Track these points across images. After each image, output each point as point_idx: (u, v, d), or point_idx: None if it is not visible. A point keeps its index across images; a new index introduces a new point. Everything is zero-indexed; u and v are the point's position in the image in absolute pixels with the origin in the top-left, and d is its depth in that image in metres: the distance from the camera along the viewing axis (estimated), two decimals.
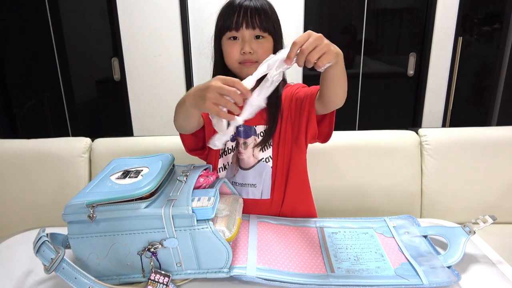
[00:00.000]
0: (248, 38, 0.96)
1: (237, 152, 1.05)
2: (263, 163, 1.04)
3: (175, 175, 0.88)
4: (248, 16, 0.94)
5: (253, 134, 1.04)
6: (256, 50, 0.96)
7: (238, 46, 0.97)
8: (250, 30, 0.95)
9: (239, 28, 0.95)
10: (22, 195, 1.46)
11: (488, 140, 1.50)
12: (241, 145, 1.05)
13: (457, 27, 2.06)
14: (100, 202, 0.73)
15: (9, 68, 2.25)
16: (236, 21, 0.95)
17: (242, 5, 0.95)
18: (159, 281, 0.75)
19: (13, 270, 0.84)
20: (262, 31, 0.95)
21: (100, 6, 2.15)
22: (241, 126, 1.04)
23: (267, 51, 0.97)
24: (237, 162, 1.05)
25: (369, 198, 1.49)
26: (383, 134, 1.53)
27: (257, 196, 1.05)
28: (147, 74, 2.08)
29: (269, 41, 0.98)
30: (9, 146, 1.48)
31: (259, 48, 0.96)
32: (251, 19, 0.94)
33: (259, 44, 0.96)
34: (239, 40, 0.97)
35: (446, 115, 2.23)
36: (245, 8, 0.94)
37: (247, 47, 0.95)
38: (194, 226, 0.74)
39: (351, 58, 2.27)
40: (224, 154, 1.06)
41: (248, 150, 1.04)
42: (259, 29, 0.95)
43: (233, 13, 0.95)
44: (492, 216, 0.87)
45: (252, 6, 0.95)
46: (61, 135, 1.67)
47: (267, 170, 1.05)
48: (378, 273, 0.80)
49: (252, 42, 0.96)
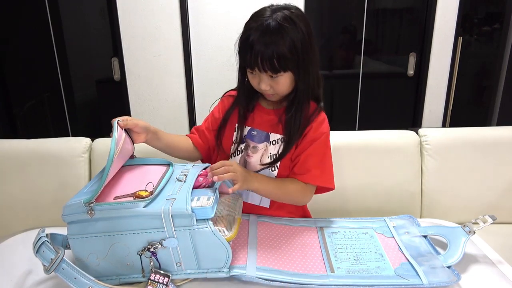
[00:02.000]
0: (263, 77, 0.94)
1: (246, 154, 1.05)
2: (269, 171, 1.04)
3: (174, 174, 0.88)
4: (259, 62, 0.90)
5: (265, 140, 1.04)
6: (272, 86, 0.96)
7: (257, 79, 0.96)
8: (263, 72, 0.93)
9: (253, 68, 0.94)
10: (22, 195, 1.46)
11: (488, 140, 1.49)
12: (250, 148, 1.05)
13: (457, 27, 2.05)
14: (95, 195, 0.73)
15: (9, 68, 2.25)
16: (250, 61, 0.92)
17: (254, 48, 0.90)
18: (159, 281, 0.75)
19: (13, 270, 0.84)
20: (275, 73, 0.92)
21: (100, 6, 2.15)
22: (254, 130, 1.05)
23: (284, 85, 0.96)
24: (244, 164, 1.06)
25: (369, 198, 1.49)
26: (383, 134, 1.53)
27: (256, 202, 1.06)
28: (147, 74, 2.08)
29: (286, 76, 0.94)
30: (9, 146, 1.48)
31: (275, 85, 0.95)
32: (262, 64, 0.90)
33: (274, 81, 0.95)
34: (257, 75, 0.95)
35: (446, 115, 2.23)
36: (257, 52, 0.90)
37: (263, 85, 0.95)
38: (193, 226, 0.74)
39: (351, 58, 2.27)
40: (233, 155, 1.07)
41: (257, 155, 1.04)
42: (271, 72, 0.92)
43: (247, 52, 0.92)
44: (492, 216, 0.87)
45: (263, 51, 0.89)
46: (61, 135, 1.67)
47: None
48: (378, 273, 0.80)
49: (267, 80, 0.94)
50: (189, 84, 2.09)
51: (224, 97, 1.16)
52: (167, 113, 2.14)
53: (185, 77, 2.08)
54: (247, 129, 1.06)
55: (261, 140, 1.04)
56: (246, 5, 1.97)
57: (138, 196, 0.76)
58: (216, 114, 1.13)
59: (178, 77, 2.08)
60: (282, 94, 0.99)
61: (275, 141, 1.03)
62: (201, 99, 2.13)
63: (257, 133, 1.05)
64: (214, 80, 2.09)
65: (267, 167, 1.03)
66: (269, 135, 1.04)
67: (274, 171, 1.04)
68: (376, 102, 2.30)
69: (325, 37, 2.24)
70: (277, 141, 1.03)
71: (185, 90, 2.10)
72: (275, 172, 1.04)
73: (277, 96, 1.00)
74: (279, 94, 0.99)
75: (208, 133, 1.12)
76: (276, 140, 1.03)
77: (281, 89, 0.97)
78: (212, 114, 1.15)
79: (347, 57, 2.27)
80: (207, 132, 1.12)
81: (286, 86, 0.96)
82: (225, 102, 1.13)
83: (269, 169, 1.04)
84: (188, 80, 2.08)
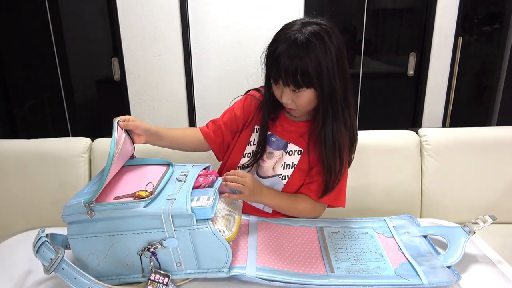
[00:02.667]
0: (286, 91, 0.93)
1: (260, 158, 1.05)
2: (279, 178, 1.04)
3: (174, 174, 0.88)
4: (282, 75, 0.89)
5: (283, 148, 1.04)
6: (294, 100, 0.95)
7: (280, 91, 0.95)
8: (286, 86, 0.92)
9: (277, 81, 0.93)
10: (22, 195, 1.46)
11: (488, 140, 1.49)
12: (266, 153, 1.05)
13: (457, 27, 2.05)
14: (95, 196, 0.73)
15: (9, 68, 2.25)
16: (274, 73, 0.92)
17: (279, 60, 0.89)
18: (159, 281, 0.75)
19: (13, 270, 0.84)
20: (298, 88, 0.91)
21: (100, 6, 2.15)
22: (273, 136, 1.05)
23: (305, 101, 0.94)
24: (257, 167, 1.06)
25: (369, 198, 1.49)
26: (383, 134, 1.53)
27: (260, 206, 1.06)
28: (147, 74, 2.08)
29: (309, 93, 0.93)
30: (9, 146, 1.48)
31: (297, 100, 0.94)
32: (286, 78, 0.89)
33: (296, 96, 0.94)
34: (280, 87, 0.94)
35: (446, 115, 2.23)
36: (281, 65, 0.89)
37: (284, 98, 0.94)
38: (193, 226, 0.74)
39: (351, 58, 2.26)
40: (247, 156, 1.07)
41: (271, 161, 1.04)
42: (294, 86, 0.91)
43: (272, 64, 0.92)
44: (492, 216, 0.87)
45: (288, 65, 0.88)
46: (61, 135, 1.67)
47: (278, 186, 1.05)
48: (378, 273, 0.80)
49: (290, 93, 0.93)
50: (189, 84, 2.09)
51: (247, 95, 1.13)
52: (167, 113, 2.14)
53: (185, 77, 2.08)
54: (267, 134, 1.05)
55: (279, 147, 1.04)
56: (246, 5, 1.97)
57: (137, 196, 0.76)
58: (237, 112, 1.10)
59: (178, 77, 2.08)
60: (303, 110, 0.98)
61: (292, 152, 1.03)
62: (201, 99, 2.13)
63: (276, 139, 1.05)
64: (214, 80, 2.09)
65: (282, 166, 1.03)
66: (287, 144, 1.04)
67: (284, 180, 1.04)
68: (376, 102, 2.30)
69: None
70: (293, 152, 1.03)
71: (185, 90, 2.10)
72: (285, 181, 1.04)
73: (299, 112, 0.99)
74: (300, 110, 0.98)
75: (225, 127, 1.10)
76: (293, 151, 1.03)
77: (302, 105, 0.95)
78: (233, 110, 1.12)
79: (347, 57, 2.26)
80: (224, 126, 1.11)
81: (307, 102, 0.95)
82: (248, 102, 1.11)
83: (279, 177, 1.04)
84: (188, 80, 2.08)
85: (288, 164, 1.03)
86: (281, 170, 1.04)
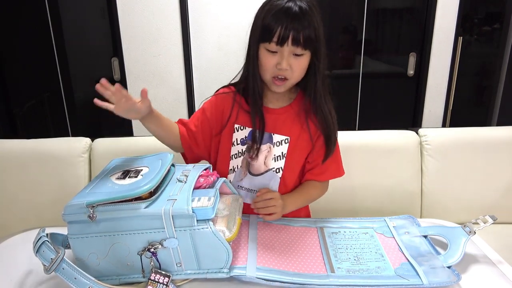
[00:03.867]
0: (287, 54, 0.90)
1: (248, 156, 1.02)
2: (273, 172, 1.03)
3: (175, 175, 0.88)
4: (294, 33, 0.86)
5: (268, 141, 1.02)
6: (292, 66, 0.91)
7: (275, 59, 0.91)
8: (294, 47, 0.88)
9: (284, 44, 0.88)
10: (22, 195, 1.46)
11: (488, 140, 1.49)
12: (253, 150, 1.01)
13: (457, 27, 2.06)
14: (100, 203, 0.73)
15: (9, 68, 2.25)
16: (282, 35, 0.87)
17: (286, 18, 0.85)
18: (159, 281, 0.75)
19: (13, 270, 0.84)
20: (304, 49, 0.89)
21: (100, 6, 2.15)
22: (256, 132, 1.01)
23: (302, 68, 0.93)
24: (247, 166, 1.04)
25: (369, 198, 1.49)
26: (383, 134, 1.53)
27: None
28: (147, 74, 2.08)
29: (307, 56, 0.92)
30: (9, 146, 1.48)
31: (296, 65, 0.91)
32: (297, 36, 0.86)
33: (296, 61, 0.91)
34: (278, 54, 0.90)
35: (446, 115, 2.23)
36: (289, 22, 0.85)
37: (284, 64, 0.90)
38: (194, 226, 0.74)
39: (351, 58, 2.27)
40: (234, 157, 1.04)
41: (260, 156, 1.02)
42: (302, 48, 0.88)
43: (279, 22, 0.86)
44: (492, 216, 0.87)
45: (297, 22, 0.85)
46: (61, 135, 1.66)
47: (275, 180, 1.03)
48: (378, 273, 0.80)
49: (290, 58, 0.90)
50: (189, 84, 2.09)
51: (217, 95, 1.08)
52: (167, 113, 2.12)
53: (185, 77, 2.08)
54: (248, 131, 1.02)
55: (265, 141, 1.01)
56: (246, 5, 1.97)
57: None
58: (208, 114, 1.05)
59: (178, 77, 2.08)
60: (295, 79, 0.95)
61: (279, 142, 1.01)
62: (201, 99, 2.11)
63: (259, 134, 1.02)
64: (214, 80, 2.09)
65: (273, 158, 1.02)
66: (272, 136, 1.01)
67: (279, 173, 1.03)
68: (376, 102, 2.30)
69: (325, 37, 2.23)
70: (280, 143, 1.01)
71: (185, 90, 2.10)
72: (280, 174, 1.03)
73: (287, 86, 0.96)
74: (292, 80, 0.95)
75: (196, 130, 1.05)
76: (280, 142, 1.01)
77: (298, 71, 0.93)
78: (203, 112, 1.06)
79: (347, 57, 2.27)
80: (195, 129, 1.05)
81: (303, 68, 0.93)
82: (218, 101, 1.06)
83: (273, 171, 1.03)
84: (188, 80, 2.09)
85: (278, 156, 1.02)
86: (273, 163, 1.02)
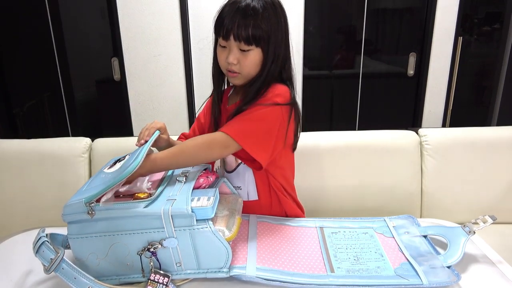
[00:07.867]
0: (234, 49, 0.93)
1: None
2: (244, 165, 1.03)
3: (175, 175, 0.88)
4: (235, 29, 0.90)
5: None
6: (240, 61, 0.94)
7: (225, 54, 0.95)
8: (237, 42, 0.92)
9: (228, 38, 0.93)
10: (22, 195, 1.46)
11: (488, 140, 1.49)
12: None
13: (457, 27, 2.06)
14: (97, 196, 0.73)
15: (9, 68, 2.25)
16: (225, 30, 0.91)
17: (232, 14, 0.90)
18: (158, 281, 0.75)
19: (13, 270, 0.84)
20: (248, 44, 0.92)
21: (100, 6, 2.15)
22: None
23: (252, 63, 0.94)
24: (223, 165, 1.06)
25: (369, 198, 1.49)
26: (383, 134, 1.53)
27: (245, 198, 1.05)
28: (147, 74, 2.08)
29: (257, 52, 0.93)
30: (9, 146, 1.48)
31: (243, 60, 0.94)
32: (238, 31, 0.90)
33: (243, 56, 0.93)
34: (227, 49, 0.94)
35: (446, 115, 2.23)
36: (234, 18, 0.90)
37: (231, 58, 0.93)
38: (193, 226, 0.74)
39: (351, 58, 2.27)
40: None
41: None
42: (245, 43, 0.91)
43: (226, 17, 0.92)
44: (492, 216, 0.87)
45: (241, 19, 0.89)
46: (61, 135, 1.67)
47: (249, 173, 1.04)
48: (378, 273, 0.80)
49: (237, 53, 0.93)
50: (189, 84, 2.09)
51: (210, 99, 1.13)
52: (167, 113, 2.14)
53: (185, 77, 2.08)
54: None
55: None
56: None
57: (136, 198, 0.76)
58: (201, 119, 1.13)
59: (178, 77, 2.08)
60: (247, 74, 0.96)
61: None
62: (201, 99, 2.13)
63: None
64: None
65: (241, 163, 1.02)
66: None
67: None
68: (376, 102, 2.30)
69: (325, 37, 2.24)
70: None
71: (185, 90, 2.10)
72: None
73: (241, 78, 0.97)
74: (243, 74, 0.96)
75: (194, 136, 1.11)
76: None
77: (247, 66, 0.94)
78: (198, 119, 1.14)
79: (347, 57, 2.27)
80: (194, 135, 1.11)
81: (253, 64, 0.94)
82: (208, 104, 1.12)
83: (243, 164, 1.02)
84: (188, 80, 2.09)
85: None
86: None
